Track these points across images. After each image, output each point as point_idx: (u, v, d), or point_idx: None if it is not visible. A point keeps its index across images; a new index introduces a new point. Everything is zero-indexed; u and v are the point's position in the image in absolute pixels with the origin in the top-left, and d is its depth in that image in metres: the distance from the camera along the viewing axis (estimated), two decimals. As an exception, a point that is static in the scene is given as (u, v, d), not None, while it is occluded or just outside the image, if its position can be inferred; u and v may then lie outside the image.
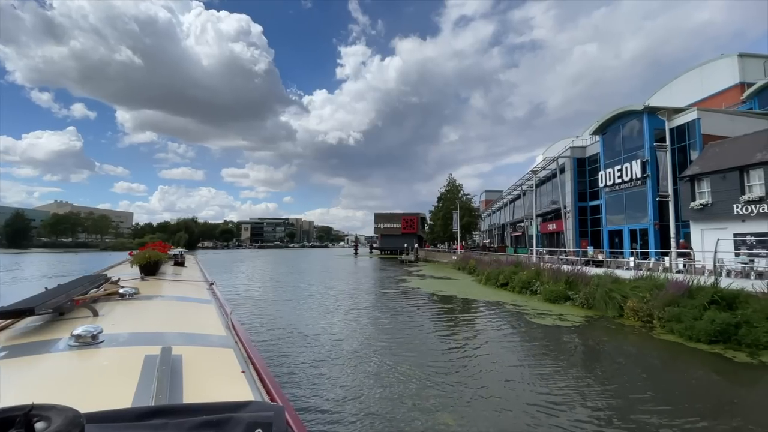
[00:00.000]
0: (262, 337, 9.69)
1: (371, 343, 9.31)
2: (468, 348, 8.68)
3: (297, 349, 8.80)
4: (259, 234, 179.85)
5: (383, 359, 7.94)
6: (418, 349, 8.78)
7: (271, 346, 9.09)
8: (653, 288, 12.35)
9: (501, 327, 10.89)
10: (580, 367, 7.57)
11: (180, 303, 2.98)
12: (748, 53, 35.86)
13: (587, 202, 35.38)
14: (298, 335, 9.99)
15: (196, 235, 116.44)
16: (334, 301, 15.35)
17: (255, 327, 10.88)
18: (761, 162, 18.81)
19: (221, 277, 22.44)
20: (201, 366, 1.65)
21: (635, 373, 7.24)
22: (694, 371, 7.46)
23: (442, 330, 10.47)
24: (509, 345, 8.88)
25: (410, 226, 72.04)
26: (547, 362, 7.74)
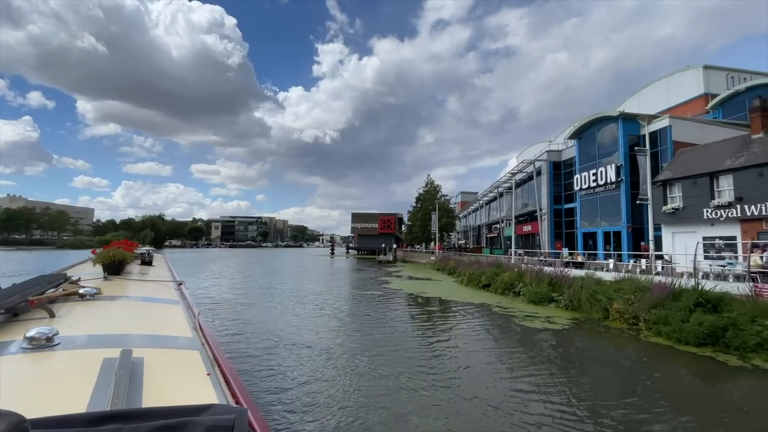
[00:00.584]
0: (236, 347, 8.87)
1: (355, 348, 8.70)
2: (461, 355, 8.21)
3: (272, 357, 8.10)
4: (231, 233, 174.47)
5: (369, 366, 7.37)
6: (407, 355, 8.24)
7: (243, 352, 8.30)
8: (636, 290, 12.39)
9: (492, 331, 10.52)
10: (576, 373, 7.29)
11: (145, 304, 2.92)
12: (712, 65, 37.70)
13: (562, 205, 36.15)
14: (274, 342, 9.23)
15: (163, 233, 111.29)
16: (314, 305, 14.54)
17: (226, 333, 10.02)
18: (730, 168, 19.58)
19: (190, 279, 21.09)
20: (164, 369, 1.62)
21: (633, 379, 7.03)
22: (691, 377, 7.32)
23: (431, 336, 9.95)
24: (503, 351, 8.50)
25: (388, 226, 71.65)
26: (543, 368, 7.42)
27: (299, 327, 10.94)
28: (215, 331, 10.05)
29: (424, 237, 51.67)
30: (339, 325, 11.34)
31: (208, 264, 40.66)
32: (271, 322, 11.41)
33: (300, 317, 12.33)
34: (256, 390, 6.19)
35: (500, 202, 50.45)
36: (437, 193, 50.36)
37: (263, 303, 14.79)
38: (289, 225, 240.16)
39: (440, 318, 12.29)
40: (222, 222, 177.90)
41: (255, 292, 17.97)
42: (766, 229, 17.98)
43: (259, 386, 6.42)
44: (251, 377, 6.85)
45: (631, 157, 27.34)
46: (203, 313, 2.64)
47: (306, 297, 16.73)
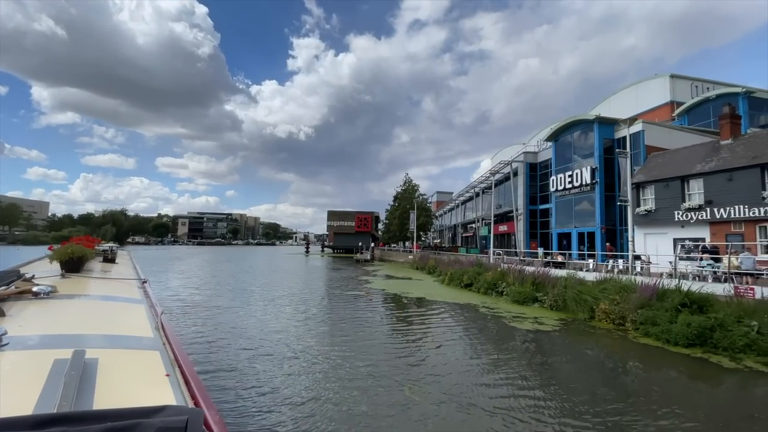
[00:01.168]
0: (205, 352, 8.06)
1: (339, 353, 8.09)
2: (457, 360, 7.76)
3: (246, 363, 7.40)
4: (199, 229, 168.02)
5: (360, 376, 6.80)
6: (401, 362, 7.73)
7: (212, 357, 7.51)
8: (620, 291, 12.45)
9: (484, 334, 10.16)
10: (575, 378, 7.06)
11: (104, 303, 2.87)
12: (679, 75, 39.42)
13: (537, 206, 36.82)
14: (250, 350, 8.43)
15: (126, 229, 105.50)
16: (293, 307, 13.64)
17: (196, 338, 9.16)
18: (701, 173, 20.34)
19: (155, 279, 19.71)
20: (120, 370, 1.60)
21: (634, 384, 6.87)
22: (692, 381, 7.20)
23: (423, 340, 9.44)
24: (500, 357, 8.12)
25: (364, 224, 70.92)
26: (542, 375, 7.11)
27: (277, 331, 10.17)
28: (180, 331, 9.64)
29: (402, 236, 51.39)
30: (320, 327, 10.67)
31: (175, 263, 38.59)
32: (245, 326, 10.55)
33: (278, 320, 11.54)
34: (222, 392, 5.92)
35: (476, 202, 50.97)
36: (415, 192, 50.18)
37: (236, 305, 13.79)
38: (260, 222, 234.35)
39: (429, 320, 11.83)
40: (189, 218, 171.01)
41: (227, 294, 16.89)
42: (734, 231, 18.78)
43: (226, 389, 6.11)
44: (219, 380, 6.47)
45: (606, 160, 28.14)
46: (168, 312, 2.39)
47: (284, 298, 15.86)
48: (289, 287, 19.85)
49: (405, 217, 47.63)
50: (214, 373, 6.75)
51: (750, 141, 19.59)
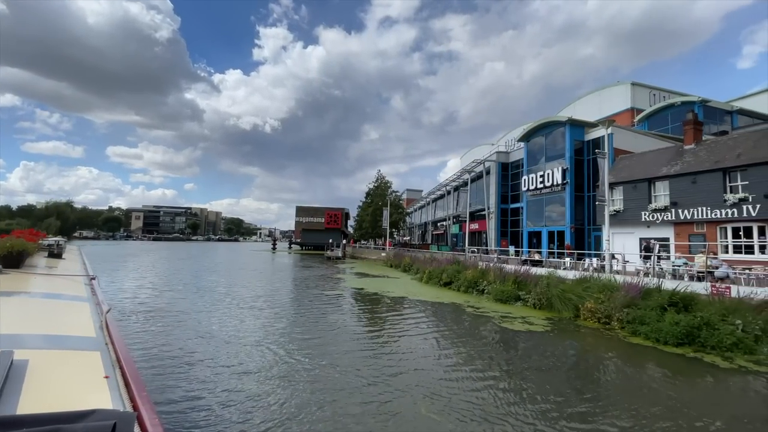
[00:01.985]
0: (165, 368, 7.08)
1: (333, 364, 7.37)
2: (466, 371, 7.24)
3: (208, 376, 6.57)
4: (155, 224, 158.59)
5: (356, 384, 6.14)
6: (397, 370, 7.12)
7: (174, 371, 6.58)
8: (603, 289, 12.54)
9: (480, 339, 9.70)
10: (582, 383, 6.78)
11: (45, 301, 2.78)
12: (639, 83, 41.40)
13: (509, 205, 37.50)
14: (223, 366, 7.51)
15: (72, 222, 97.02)
16: (267, 310, 12.45)
17: (153, 350, 8.08)
18: (666, 175, 21.28)
19: (105, 280, 17.95)
20: (53, 372, 1.55)
21: (644, 389, 6.64)
22: (694, 382, 7.11)
23: (420, 346, 8.83)
24: (509, 367, 7.68)
25: (334, 221, 69.55)
26: (549, 381, 6.79)
27: (247, 338, 9.23)
28: (131, 332, 9.06)
29: (374, 233, 50.76)
30: (299, 328, 9.84)
31: (129, 260, 35.73)
32: (210, 330, 9.49)
33: (248, 325, 10.56)
34: (172, 395, 5.58)
35: (447, 201, 51.33)
36: (388, 189, 49.66)
37: (198, 307, 12.44)
38: (222, 217, 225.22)
39: (420, 324, 11.25)
40: (144, 212, 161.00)
41: (190, 295, 15.49)
42: (696, 231, 19.78)
43: (178, 392, 5.75)
44: (171, 382, 6.10)
45: (576, 161, 28.98)
46: (119, 312, 2.63)
47: (257, 300, 14.73)
48: (260, 287, 18.65)
49: (378, 214, 47.02)
50: (165, 374, 6.33)
51: (711, 146, 20.69)
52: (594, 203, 28.02)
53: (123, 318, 10.42)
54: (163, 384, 6.01)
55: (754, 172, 17.55)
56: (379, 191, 49.67)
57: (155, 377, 6.20)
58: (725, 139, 20.56)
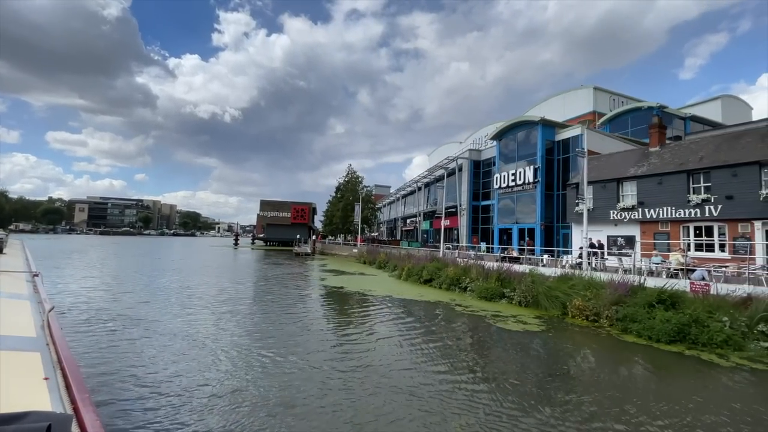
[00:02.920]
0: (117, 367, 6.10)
1: (336, 371, 6.65)
2: (477, 380, 6.74)
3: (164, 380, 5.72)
4: (101, 216, 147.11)
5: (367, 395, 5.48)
6: (412, 381, 6.52)
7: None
8: (589, 287, 12.64)
9: (479, 340, 9.27)
10: (598, 388, 6.51)
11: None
12: (600, 87, 43.26)
13: (480, 202, 37.98)
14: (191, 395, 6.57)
15: (7, 213, 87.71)
16: (251, 319, 11.09)
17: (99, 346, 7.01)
18: (634, 176, 22.17)
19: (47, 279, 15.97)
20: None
21: (659, 390, 6.47)
22: (704, 382, 7.06)
23: (423, 352, 8.22)
24: (515, 370, 7.28)
25: (301, 216, 67.53)
26: (565, 389, 6.47)
27: (217, 346, 8.26)
28: (76, 334, 8.38)
29: (345, 228, 49.73)
30: (286, 334, 8.98)
31: (74, 257, 32.41)
32: (176, 345, 8.42)
33: (220, 331, 9.53)
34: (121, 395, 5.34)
35: (417, 197, 51.31)
36: (359, 184, 48.73)
37: (161, 313, 11.11)
38: (178, 210, 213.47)
39: (412, 325, 10.70)
40: (90, 203, 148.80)
41: (150, 297, 13.97)
42: (661, 230, 20.77)
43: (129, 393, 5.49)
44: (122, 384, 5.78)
45: (547, 161, 29.72)
46: (57, 308, 2.49)
47: (228, 303, 13.52)
48: (232, 289, 17.28)
49: (349, 209, 46.03)
50: (110, 376, 6.08)
51: (675, 149, 21.78)
52: (563, 201, 28.91)
53: (80, 323, 9.01)
54: (109, 385, 5.79)
55: (716, 174, 18.59)
56: (350, 186, 48.63)
57: (100, 378, 5.98)
58: (688, 143, 21.70)
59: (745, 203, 17.46)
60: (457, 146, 59.69)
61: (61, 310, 10.30)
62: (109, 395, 5.43)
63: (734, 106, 43.65)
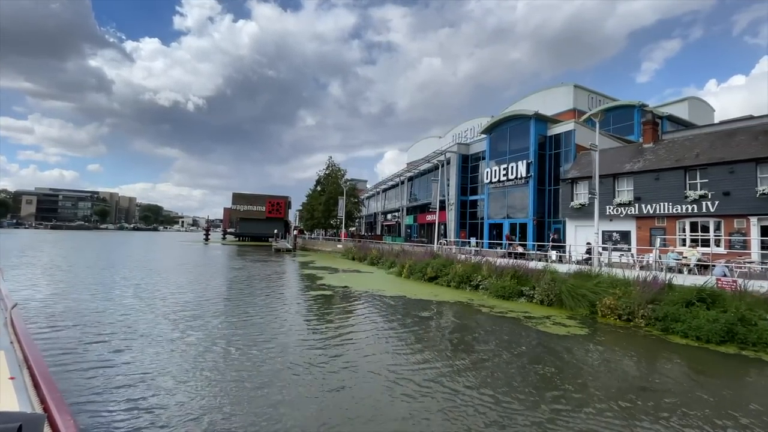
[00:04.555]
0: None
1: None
2: (555, 400, 5.92)
3: None
4: (52, 210, 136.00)
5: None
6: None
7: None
8: (617, 285, 12.29)
9: (526, 347, 8.47)
10: (689, 403, 5.90)
11: None
12: (580, 85, 43.90)
13: (467, 197, 37.69)
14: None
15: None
16: (278, 336, 9.85)
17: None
18: (630, 171, 22.38)
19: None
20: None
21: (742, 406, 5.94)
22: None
23: (491, 369, 7.11)
24: (592, 382, 6.55)
25: (277, 210, 64.86)
26: (649, 401, 5.83)
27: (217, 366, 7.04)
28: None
29: (327, 223, 48.07)
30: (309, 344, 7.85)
31: (27, 254, 29.06)
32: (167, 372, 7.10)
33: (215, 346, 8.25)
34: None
35: (400, 191, 50.43)
36: (342, 177, 47.15)
37: (146, 326, 9.57)
38: (137, 204, 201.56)
39: (454, 333, 9.72)
40: (38, 195, 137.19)
41: (134, 306, 12.26)
42: (657, 225, 21.07)
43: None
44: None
45: (540, 156, 29.68)
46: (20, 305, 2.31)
47: (244, 312, 12.04)
48: (229, 292, 15.67)
49: (332, 203, 44.42)
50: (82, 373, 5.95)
51: (669, 146, 22.14)
52: (555, 197, 29.03)
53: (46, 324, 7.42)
54: (80, 384, 5.64)
55: (713, 171, 18.96)
56: (332, 179, 46.97)
57: (71, 376, 5.83)
58: (682, 140, 22.11)
59: (742, 200, 17.91)
60: (437, 141, 59.17)
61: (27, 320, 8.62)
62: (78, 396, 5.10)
63: (700, 107, 45.76)
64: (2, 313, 2.26)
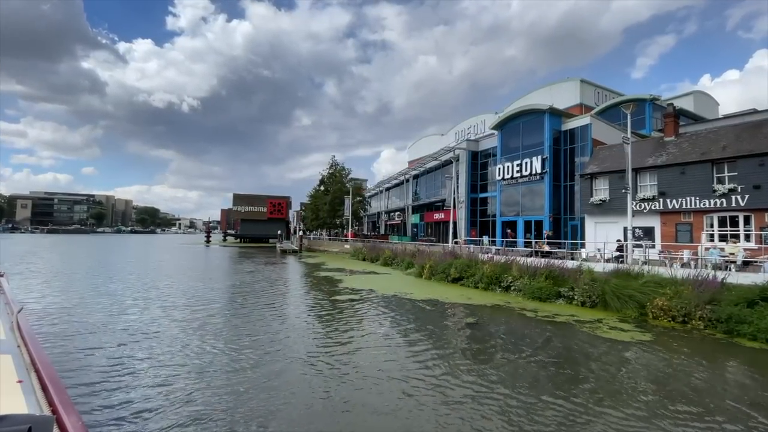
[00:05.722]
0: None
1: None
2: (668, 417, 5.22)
3: None
4: (47, 213, 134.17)
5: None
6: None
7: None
8: (663, 284, 11.67)
9: (597, 358, 7.64)
10: None
11: None
12: (586, 80, 43.33)
13: (477, 194, 37.01)
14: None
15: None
16: (298, 348, 8.93)
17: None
18: (653, 166, 21.78)
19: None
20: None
21: None
22: None
23: (582, 391, 6.39)
24: (707, 400, 5.84)
25: (278, 210, 63.92)
26: None
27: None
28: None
29: (333, 223, 47.22)
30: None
31: (29, 260, 28.09)
32: None
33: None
34: None
35: (404, 190, 49.61)
36: (346, 176, 46.27)
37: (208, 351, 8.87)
38: (134, 206, 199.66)
39: (516, 344, 8.97)
40: (34, 199, 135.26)
41: (169, 329, 11.45)
42: (683, 220, 20.49)
43: None
44: None
45: (554, 151, 29.04)
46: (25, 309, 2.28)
47: (286, 323, 11.27)
48: (257, 300, 14.87)
49: (337, 202, 43.56)
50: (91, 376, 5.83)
51: (693, 139, 21.56)
52: (571, 193, 28.42)
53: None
54: (88, 386, 5.56)
55: (742, 164, 18.39)
56: (337, 178, 46.11)
57: (79, 378, 5.73)
58: (705, 132, 21.53)
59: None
60: (439, 138, 58.41)
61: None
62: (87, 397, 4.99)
63: (704, 101, 45.37)
64: (9, 318, 2.24)
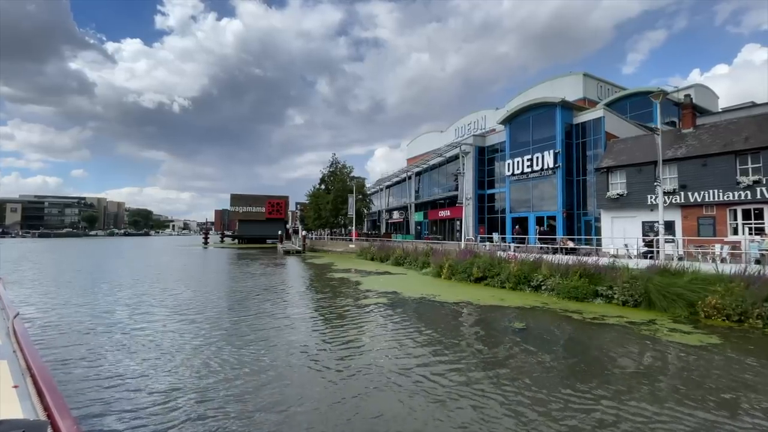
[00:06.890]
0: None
1: None
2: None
3: None
4: (38, 217, 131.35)
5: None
6: None
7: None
8: (710, 281, 11.11)
9: (680, 373, 6.95)
10: None
11: None
12: (590, 74, 42.85)
13: (485, 190, 36.40)
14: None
15: None
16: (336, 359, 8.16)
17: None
18: (673, 158, 21.27)
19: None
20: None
21: None
22: None
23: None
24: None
25: (277, 210, 62.82)
26: None
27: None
28: None
29: (336, 222, 46.35)
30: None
31: (24, 265, 26.90)
32: None
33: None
34: None
35: (407, 188, 48.80)
36: (348, 175, 45.40)
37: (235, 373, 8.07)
38: (126, 208, 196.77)
39: (577, 351, 8.25)
40: (23, 203, 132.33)
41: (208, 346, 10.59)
42: (705, 214, 20.02)
43: None
44: None
45: (566, 145, 28.48)
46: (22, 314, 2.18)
47: (332, 337, 10.48)
48: (288, 308, 14.05)
49: (339, 201, 42.70)
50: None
51: (712, 130, 21.10)
52: (584, 188, 27.91)
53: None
54: (83, 391, 5.52)
55: (766, 155, 17.93)
56: (338, 176, 45.21)
57: (74, 384, 5.71)
58: (725, 123, 21.09)
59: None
60: (438, 135, 57.69)
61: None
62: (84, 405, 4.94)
63: (705, 94, 45.14)
64: (4, 323, 2.23)
